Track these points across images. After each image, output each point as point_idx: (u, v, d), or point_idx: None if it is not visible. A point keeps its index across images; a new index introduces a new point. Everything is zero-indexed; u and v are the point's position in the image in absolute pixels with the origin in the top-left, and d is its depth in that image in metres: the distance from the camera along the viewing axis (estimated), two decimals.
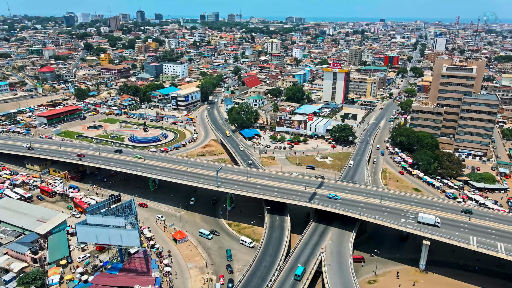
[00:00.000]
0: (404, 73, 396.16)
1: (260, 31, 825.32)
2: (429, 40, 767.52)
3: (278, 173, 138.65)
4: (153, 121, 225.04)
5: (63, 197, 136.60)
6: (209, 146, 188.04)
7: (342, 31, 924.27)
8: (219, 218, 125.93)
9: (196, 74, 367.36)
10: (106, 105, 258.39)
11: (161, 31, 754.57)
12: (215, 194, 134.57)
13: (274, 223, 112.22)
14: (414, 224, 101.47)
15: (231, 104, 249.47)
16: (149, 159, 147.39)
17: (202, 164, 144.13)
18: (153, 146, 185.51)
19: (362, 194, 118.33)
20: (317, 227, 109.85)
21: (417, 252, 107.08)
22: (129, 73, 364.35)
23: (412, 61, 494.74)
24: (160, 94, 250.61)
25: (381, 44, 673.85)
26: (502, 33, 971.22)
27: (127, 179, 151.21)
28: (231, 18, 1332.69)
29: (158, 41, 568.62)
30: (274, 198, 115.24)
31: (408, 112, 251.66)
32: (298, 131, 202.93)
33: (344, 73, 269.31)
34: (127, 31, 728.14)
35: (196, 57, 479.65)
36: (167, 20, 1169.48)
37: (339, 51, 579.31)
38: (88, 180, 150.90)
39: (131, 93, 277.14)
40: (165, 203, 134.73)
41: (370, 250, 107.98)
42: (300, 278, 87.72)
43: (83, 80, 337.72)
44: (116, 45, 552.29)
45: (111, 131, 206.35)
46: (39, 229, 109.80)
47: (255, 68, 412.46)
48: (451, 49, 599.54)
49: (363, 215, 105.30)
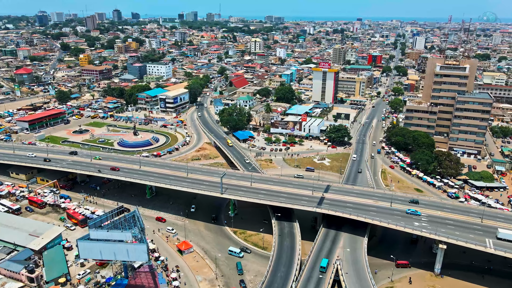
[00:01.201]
0: (389, 72, 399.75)
1: (241, 31, 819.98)
2: (407, 39, 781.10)
3: (282, 177, 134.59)
4: (141, 124, 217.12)
5: (55, 208, 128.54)
6: (203, 150, 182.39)
7: (322, 30, 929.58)
8: (223, 225, 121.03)
9: (181, 75, 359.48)
10: (90, 108, 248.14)
11: (140, 31, 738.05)
12: (215, 200, 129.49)
13: (283, 230, 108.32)
14: (428, 227, 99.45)
15: (221, 105, 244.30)
16: (146, 165, 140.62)
17: (202, 169, 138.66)
18: (144, 150, 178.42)
19: (371, 197, 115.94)
20: (328, 233, 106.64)
21: (430, 255, 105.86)
22: (111, 74, 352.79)
23: (394, 59, 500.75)
24: (147, 96, 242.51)
25: (362, 43, 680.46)
26: (476, 32, 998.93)
27: (121, 186, 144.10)
28: (210, 17, 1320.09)
29: (139, 41, 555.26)
30: (283, 204, 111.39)
31: (398, 111, 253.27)
32: (293, 132, 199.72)
33: (333, 72, 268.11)
34: (104, 31, 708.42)
35: (179, 57, 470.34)
36: (145, 20, 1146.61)
37: (322, 50, 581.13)
38: (79, 188, 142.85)
39: (116, 95, 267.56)
40: (165, 211, 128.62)
41: (381, 255, 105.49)
42: (326, 270, 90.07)
43: (63, 82, 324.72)
44: (95, 45, 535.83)
45: (99, 136, 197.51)
46: (32, 244, 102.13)
47: (241, 68, 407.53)
48: (430, 47, 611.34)
49: (375, 219, 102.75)
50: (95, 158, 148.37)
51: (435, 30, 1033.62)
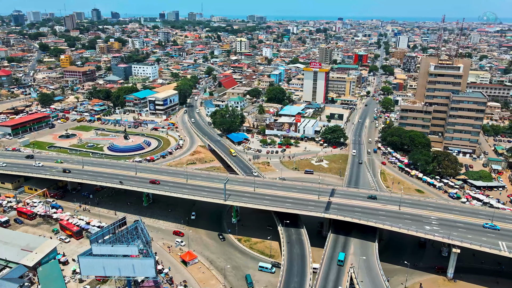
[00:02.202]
0: (375, 71, 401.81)
1: (224, 30, 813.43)
2: (390, 38, 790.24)
3: (285, 182, 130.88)
4: (131, 127, 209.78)
5: (46, 219, 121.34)
6: (198, 153, 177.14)
7: (305, 30, 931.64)
8: (226, 233, 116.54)
9: (168, 76, 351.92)
10: (75, 111, 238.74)
11: (122, 31, 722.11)
12: (215, 207, 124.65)
13: (290, 237, 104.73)
14: (440, 231, 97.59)
15: (212, 106, 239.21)
16: (142, 172, 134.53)
17: (201, 174, 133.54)
18: (137, 155, 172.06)
19: (378, 201, 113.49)
20: (337, 239, 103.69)
21: (440, 259, 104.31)
22: (95, 75, 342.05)
23: (379, 59, 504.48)
24: (135, 98, 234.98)
25: (346, 42, 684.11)
26: (454, 31, 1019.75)
27: (115, 194, 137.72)
28: (192, 16, 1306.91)
29: (121, 41, 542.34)
30: (290, 210, 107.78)
31: (389, 111, 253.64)
32: (288, 133, 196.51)
33: (324, 72, 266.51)
34: (84, 31, 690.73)
35: (164, 57, 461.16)
36: (125, 19, 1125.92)
37: (307, 49, 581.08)
38: (71, 197, 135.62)
39: (102, 97, 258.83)
40: (164, 219, 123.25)
41: (391, 260, 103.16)
42: (343, 263, 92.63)
43: (44, 84, 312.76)
44: (75, 45, 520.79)
45: (87, 140, 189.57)
46: (26, 260, 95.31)
47: (228, 68, 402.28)
48: (413, 46, 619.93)
49: (386, 224, 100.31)
50: (57, 162, 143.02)
51: (414, 29, 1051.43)
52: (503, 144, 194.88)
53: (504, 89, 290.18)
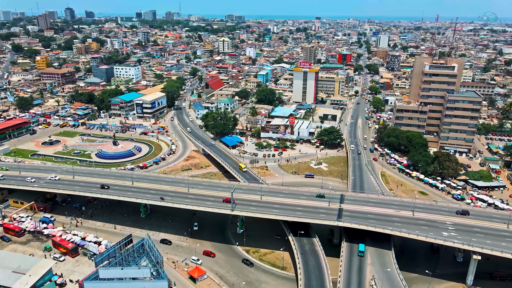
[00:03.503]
0: (361, 70, 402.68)
1: (204, 30, 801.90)
2: (369, 38, 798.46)
3: (291, 188, 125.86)
4: (118, 132, 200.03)
5: (36, 235, 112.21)
6: (192, 158, 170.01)
7: (285, 29, 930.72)
8: (233, 244, 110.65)
9: (151, 77, 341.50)
10: (57, 116, 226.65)
11: (99, 31, 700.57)
12: (218, 216, 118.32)
13: (303, 248, 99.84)
14: (458, 237, 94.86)
15: (202, 109, 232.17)
16: (139, 181, 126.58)
17: (202, 182, 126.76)
18: (128, 162, 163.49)
19: (390, 207, 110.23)
20: (352, 248, 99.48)
21: (456, 265, 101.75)
22: (74, 77, 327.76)
23: (361, 58, 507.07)
24: (121, 101, 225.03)
25: (327, 42, 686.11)
26: (429, 30, 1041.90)
27: (109, 204, 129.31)
28: (169, 16, 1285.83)
29: (99, 41, 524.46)
30: (301, 219, 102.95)
31: (380, 110, 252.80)
32: (284, 136, 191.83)
33: (314, 72, 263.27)
34: (59, 31, 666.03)
35: (145, 58, 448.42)
36: (101, 18, 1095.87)
37: (290, 49, 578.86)
38: (62, 210, 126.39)
39: (85, 100, 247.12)
40: (164, 231, 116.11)
41: (406, 267, 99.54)
42: (364, 254, 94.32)
43: (20, 87, 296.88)
44: (51, 46, 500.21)
45: (73, 147, 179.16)
46: (19, 284, 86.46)
47: (212, 68, 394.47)
48: (393, 45, 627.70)
49: (403, 231, 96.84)
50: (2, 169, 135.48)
51: (392, 29, 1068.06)
52: (495, 142, 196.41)
53: (488, 87, 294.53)
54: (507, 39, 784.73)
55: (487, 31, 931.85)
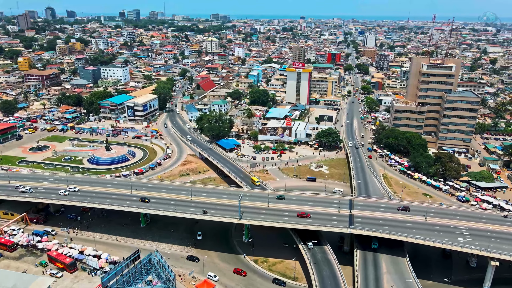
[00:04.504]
0: (351, 70, 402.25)
1: (190, 30, 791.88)
2: (355, 37, 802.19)
3: (298, 194, 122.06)
4: (109, 136, 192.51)
5: (29, 249, 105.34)
6: (189, 163, 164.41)
7: (271, 29, 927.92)
8: (240, 254, 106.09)
9: (140, 78, 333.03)
10: (44, 120, 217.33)
11: (82, 31, 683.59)
12: (221, 224, 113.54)
13: (316, 257, 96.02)
14: (475, 243, 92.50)
15: (195, 111, 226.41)
16: (138, 189, 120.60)
17: (205, 190, 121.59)
18: (122, 168, 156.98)
19: (400, 212, 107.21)
20: (365, 256, 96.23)
21: (470, 270, 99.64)
22: (60, 79, 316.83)
23: (350, 57, 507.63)
24: (112, 104, 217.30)
25: (314, 41, 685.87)
26: (413, 30, 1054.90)
27: (106, 214, 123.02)
28: (153, 15, 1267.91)
29: (83, 42, 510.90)
30: (313, 227, 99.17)
31: (374, 110, 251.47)
32: (282, 138, 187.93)
33: (308, 72, 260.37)
34: (40, 31, 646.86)
35: (132, 58, 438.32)
36: (83, 18, 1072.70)
37: (278, 48, 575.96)
38: (56, 221, 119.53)
39: (72, 103, 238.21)
40: (167, 241, 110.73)
41: (421, 274, 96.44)
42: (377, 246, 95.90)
43: (3, 90, 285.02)
44: (33, 46, 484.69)
45: (63, 152, 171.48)
46: None
47: (202, 69, 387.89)
48: (380, 45, 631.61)
49: (418, 238, 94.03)
50: None
51: (376, 28, 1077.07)
52: (492, 142, 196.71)
53: (478, 87, 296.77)
54: (489, 38, 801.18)
55: (468, 30, 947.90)
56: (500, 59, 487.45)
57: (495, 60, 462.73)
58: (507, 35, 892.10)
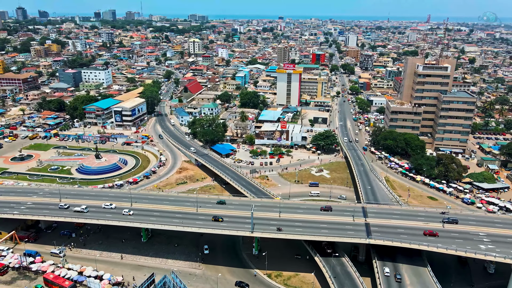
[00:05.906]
0: (336, 70, 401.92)
1: (170, 30, 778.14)
2: (336, 37, 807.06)
3: (310, 203, 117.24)
4: (97, 143, 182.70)
5: (22, 272, 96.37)
6: (186, 170, 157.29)
7: (252, 29, 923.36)
8: (251, 268, 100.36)
9: (123, 81, 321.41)
10: (25, 127, 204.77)
11: (57, 31, 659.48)
12: (228, 237, 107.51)
13: (335, 270, 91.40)
14: (497, 250, 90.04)
15: (186, 115, 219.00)
16: (138, 202, 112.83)
17: (210, 200, 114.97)
18: (114, 177, 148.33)
19: (416, 218, 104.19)
20: (385, 266, 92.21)
21: (489, 277, 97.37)
22: (38, 82, 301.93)
23: (334, 58, 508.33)
24: (98, 109, 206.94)
25: (296, 41, 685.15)
26: (389, 30, 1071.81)
27: (103, 230, 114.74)
28: (130, 15, 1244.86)
29: (59, 43, 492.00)
30: (329, 238, 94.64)
31: (366, 111, 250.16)
32: (279, 142, 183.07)
33: (298, 74, 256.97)
34: (13, 32, 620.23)
35: (112, 60, 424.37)
36: (56, 18, 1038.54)
37: (261, 49, 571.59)
38: (48, 238, 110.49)
39: (54, 108, 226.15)
40: (172, 257, 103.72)
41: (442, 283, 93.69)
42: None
43: None
44: (5, 48, 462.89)
45: (48, 162, 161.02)
46: None
47: (185, 70, 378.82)
48: (361, 45, 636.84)
49: (440, 247, 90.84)
50: None
51: (354, 28, 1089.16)
52: (485, 141, 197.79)
53: (463, 86, 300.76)
54: (464, 38, 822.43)
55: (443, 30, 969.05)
56: (478, 58, 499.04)
57: (474, 59, 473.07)
58: (480, 34, 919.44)
